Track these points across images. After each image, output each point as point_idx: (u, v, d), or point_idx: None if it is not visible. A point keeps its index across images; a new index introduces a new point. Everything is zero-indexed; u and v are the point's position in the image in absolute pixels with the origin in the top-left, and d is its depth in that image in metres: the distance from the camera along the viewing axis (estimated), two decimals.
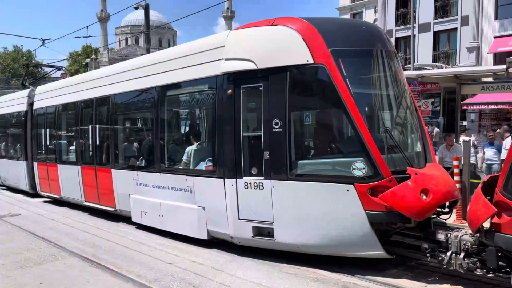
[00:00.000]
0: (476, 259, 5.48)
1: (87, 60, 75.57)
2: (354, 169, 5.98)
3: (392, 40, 29.61)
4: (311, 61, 6.26)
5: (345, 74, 6.13)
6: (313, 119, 6.74)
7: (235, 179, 6.92)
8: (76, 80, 12.28)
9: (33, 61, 75.19)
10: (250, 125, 6.87)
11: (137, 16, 75.81)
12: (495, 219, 4.83)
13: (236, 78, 6.92)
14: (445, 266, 5.69)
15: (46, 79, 32.77)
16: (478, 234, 5.36)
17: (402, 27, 28.90)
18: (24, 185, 14.78)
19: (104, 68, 12.15)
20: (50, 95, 13.05)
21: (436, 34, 26.66)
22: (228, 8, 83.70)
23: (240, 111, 6.89)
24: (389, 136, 6.04)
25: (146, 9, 21.77)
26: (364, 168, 5.92)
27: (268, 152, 6.57)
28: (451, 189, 6.11)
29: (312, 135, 6.90)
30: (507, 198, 4.62)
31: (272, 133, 6.51)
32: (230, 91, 6.96)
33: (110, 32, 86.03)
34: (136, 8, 22.85)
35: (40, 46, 17.43)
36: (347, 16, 37.37)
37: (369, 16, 36.24)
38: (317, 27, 6.40)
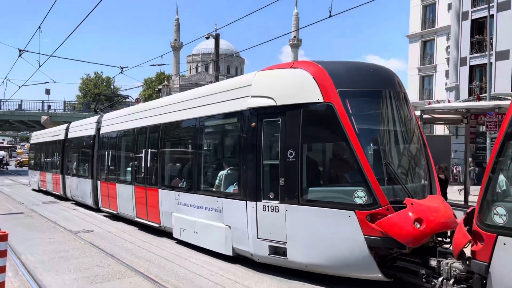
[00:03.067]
0: (465, 285, 5.87)
1: (160, 86, 79.88)
2: (355, 197, 6.65)
3: (466, 68, 28.89)
4: (321, 100, 7.09)
5: (350, 112, 6.88)
6: (322, 151, 7.51)
7: (255, 202, 7.80)
8: (134, 110, 13.92)
9: (112, 87, 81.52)
10: (269, 154, 7.76)
11: (208, 45, 78.84)
12: (474, 247, 5.28)
13: (259, 112, 7.90)
14: None
15: (123, 104, 36.10)
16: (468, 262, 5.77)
17: (477, 54, 28.14)
18: (89, 201, 16.61)
19: (156, 100, 13.69)
20: (113, 122, 14.83)
21: None
22: (295, 37, 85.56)
23: (262, 142, 7.82)
24: (389, 168, 6.67)
25: (217, 38, 22.73)
26: (364, 197, 6.57)
27: (283, 179, 7.41)
28: (447, 220, 6.54)
29: (320, 165, 7.64)
30: (479, 228, 5.09)
31: (287, 162, 7.36)
32: (253, 123, 7.94)
33: (182, 60, 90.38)
34: (207, 38, 23.83)
35: (119, 73, 18.60)
36: (417, 44, 36.92)
37: (441, 44, 35.25)
38: (328, 70, 7.24)
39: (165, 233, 11.19)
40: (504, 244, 4.72)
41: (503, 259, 4.77)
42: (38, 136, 27.30)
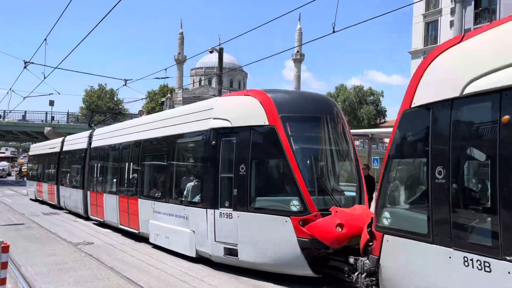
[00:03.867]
0: (375, 278, 7.09)
1: (163, 99, 80.00)
2: (291, 205, 7.92)
3: None
4: (266, 123, 8.42)
5: (289, 133, 8.20)
6: (266, 166, 8.81)
7: (214, 210, 9.07)
8: (121, 126, 15.27)
9: (115, 99, 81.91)
10: (225, 168, 9.04)
11: (211, 59, 79.40)
12: (373, 245, 6.51)
13: (218, 132, 9.22)
14: (355, 284, 7.32)
15: (126, 117, 37.16)
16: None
17: None
18: (80, 210, 17.85)
19: (139, 118, 15.08)
20: (103, 137, 16.17)
21: None
22: (298, 51, 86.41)
23: (220, 157, 9.11)
24: (319, 182, 7.96)
25: (220, 53, 22.74)
26: (298, 205, 7.84)
27: (236, 190, 8.68)
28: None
29: (265, 178, 8.92)
30: (374, 229, 6.34)
31: (239, 175, 8.65)
32: (214, 142, 9.25)
33: (186, 73, 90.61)
34: (211, 52, 23.95)
35: (123, 86, 18.90)
36: (420, 60, 37.65)
37: None
38: (273, 98, 8.59)
39: (143, 239, 12.42)
40: (387, 241, 5.96)
41: (386, 253, 6.01)
42: (37, 148, 28.64)
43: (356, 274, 7.22)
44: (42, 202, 24.69)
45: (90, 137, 17.84)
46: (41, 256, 10.45)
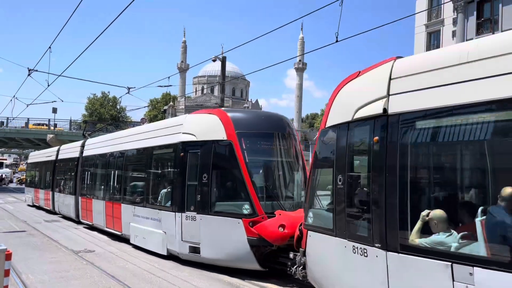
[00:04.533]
0: None
1: (166, 107, 78.23)
2: (243, 209, 9.24)
3: None
4: (225, 138, 9.77)
5: (244, 147, 9.54)
6: (224, 175, 10.13)
7: (181, 213, 10.38)
8: (109, 137, 16.66)
9: (118, 106, 79.73)
10: (191, 177, 10.37)
11: (214, 67, 78.30)
12: (302, 240, 7.79)
13: (186, 145, 10.56)
14: (294, 276, 8.59)
15: (128, 125, 37.88)
16: None
17: None
18: (72, 214, 19.16)
19: (125, 130, 16.46)
20: (93, 146, 17.56)
21: None
22: (300, 60, 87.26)
23: (187, 167, 10.45)
24: (268, 189, 9.30)
25: (223, 61, 22.87)
26: (248, 209, 9.16)
27: (199, 196, 10.00)
28: None
29: (223, 185, 10.24)
30: (303, 226, 7.63)
31: (202, 183, 9.97)
32: (182, 153, 10.59)
33: (188, 81, 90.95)
34: (214, 60, 24.07)
35: (126, 93, 18.98)
36: None
37: None
38: (231, 116, 9.96)
39: (125, 240, 13.71)
40: (310, 236, 7.26)
41: (309, 245, 7.31)
42: (34, 157, 30.05)
43: (294, 267, 8.50)
44: (39, 208, 25.93)
45: (83, 146, 19.20)
46: (42, 263, 10.49)
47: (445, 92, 4.92)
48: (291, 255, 8.65)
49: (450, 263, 4.61)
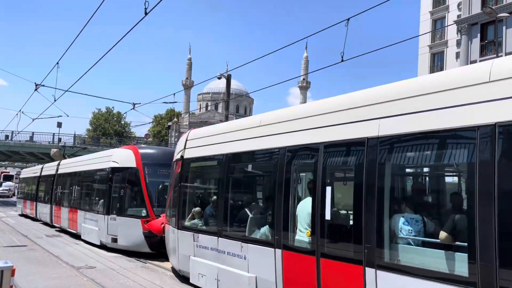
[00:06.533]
0: None
1: (170, 123, 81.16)
2: (142, 213, 14.26)
3: None
4: (134, 166, 14.86)
5: (146, 172, 14.63)
6: (132, 190, 15.16)
7: (107, 216, 15.39)
8: (72, 160, 22.01)
9: (122, 122, 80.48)
10: (115, 191, 15.37)
11: (218, 84, 78.38)
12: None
13: (113, 170, 15.63)
14: None
15: (132, 139, 39.61)
16: None
17: None
18: (48, 219, 24.15)
19: (82, 156, 21.70)
20: (63, 167, 22.76)
21: None
22: (304, 79, 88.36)
23: (112, 185, 15.49)
24: (159, 200, 14.33)
25: (228, 79, 23.35)
26: (145, 213, 14.18)
27: (118, 204, 15.03)
28: None
29: (132, 196, 15.26)
30: (165, 221, 12.59)
31: (120, 195, 15.01)
32: (110, 175, 15.66)
33: (193, 98, 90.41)
34: (219, 78, 24.56)
35: (131, 109, 18.12)
36: None
37: None
38: (140, 150, 15.12)
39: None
40: (164, 227, 12.24)
41: (165, 233, 12.28)
42: (25, 173, 35.33)
43: None
44: (27, 217, 30.59)
45: (58, 165, 24.32)
46: (43, 279, 10.52)
47: (206, 148, 9.97)
48: None
49: (193, 233, 9.66)
